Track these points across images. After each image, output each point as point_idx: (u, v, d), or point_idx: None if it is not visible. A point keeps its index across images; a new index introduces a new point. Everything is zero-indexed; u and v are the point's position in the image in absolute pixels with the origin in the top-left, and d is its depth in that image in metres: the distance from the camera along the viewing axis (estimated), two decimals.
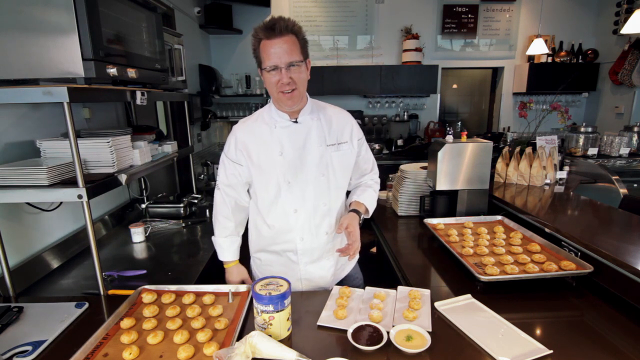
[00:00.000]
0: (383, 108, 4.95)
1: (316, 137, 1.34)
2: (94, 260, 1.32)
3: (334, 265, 1.46)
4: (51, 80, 1.30)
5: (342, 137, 1.39)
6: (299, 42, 1.22)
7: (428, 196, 2.12)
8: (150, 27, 1.74)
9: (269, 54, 1.19)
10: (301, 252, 1.40)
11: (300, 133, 1.33)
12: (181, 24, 3.48)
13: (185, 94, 2.50)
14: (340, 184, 1.41)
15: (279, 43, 1.18)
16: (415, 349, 0.98)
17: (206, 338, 1.02)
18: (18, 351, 1.03)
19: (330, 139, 1.36)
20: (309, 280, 1.44)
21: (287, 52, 1.18)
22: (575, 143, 3.26)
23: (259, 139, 1.34)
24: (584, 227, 1.65)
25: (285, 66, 1.19)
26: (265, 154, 1.33)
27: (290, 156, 1.32)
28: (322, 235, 1.40)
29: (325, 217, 1.39)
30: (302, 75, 1.24)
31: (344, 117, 1.43)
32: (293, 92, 1.23)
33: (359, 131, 1.46)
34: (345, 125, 1.41)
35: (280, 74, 1.20)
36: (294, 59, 1.20)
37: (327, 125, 1.37)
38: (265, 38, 1.19)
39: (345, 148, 1.39)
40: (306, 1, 4.63)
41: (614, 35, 4.49)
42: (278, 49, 1.18)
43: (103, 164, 1.46)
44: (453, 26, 4.73)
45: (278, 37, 1.17)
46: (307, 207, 1.35)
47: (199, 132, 4.15)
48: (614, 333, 1.09)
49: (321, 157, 1.34)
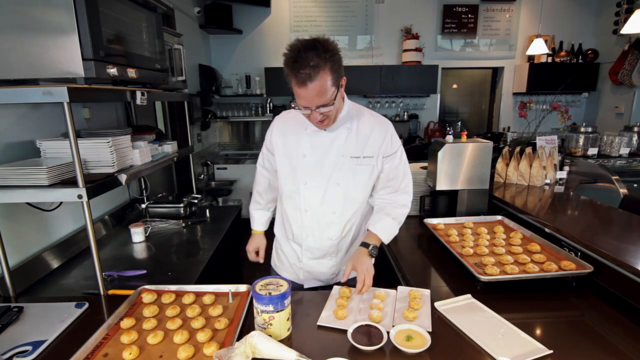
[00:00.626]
0: (383, 108, 4.95)
1: (340, 147, 1.33)
2: (94, 260, 1.32)
3: (336, 264, 1.47)
4: (51, 80, 1.30)
5: (368, 151, 1.34)
6: (331, 75, 1.13)
7: (428, 196, 2.12)
8: (150, 27, 1.74)
9: (299, 95, 1.15)
10: (305, 248, 1.44)
11: (325, 140, 1.34)
12: (181, 24, 3.48)
13: (185, 94, 2.50)
14: (356, 197, 1.38)
15: (308, 89, 1.11)
16: (415, 349, 0.98)
17: (206, 338, 1.02)
18: (18, 351, 1.03)
19: (355, 151, 1.33)
20: (309, 273, 1.48)
21: (317, 95, 1.13)
22: (575, 143, 3.26)
23: (290, 137, 1.39)
24: (584, 227, 1.65)
25: (315, 107, 1.17)
26: (290, 152, 1.38)
27: (312, 160, 1.35)
28: (326, 240, 1.42)
29: (332, 224, 1.40)
30: (334, 108, 1.21)
31: (379, 129, 1.35)
32: (324, 121, 1.24)
33: (390, 147, 1.37)
34: (377, 139, 1.34)
35: (311, 112, 1.19)
36: (324, 101, 1.15)
37: (356, 136, 1.34)
38: (293, 78, 1.12)
39: (368, 163, 1.35)
40: (306, 1, 4.63)
41: (614, 35, 4.49)
42: (308, 94, 1.13)
43: (103, 164, 1.46)
44: (453, 26, 4.73)
45: (308, 83, 1.10)
46: (317, 211, 1.38)
47: (199, 132, 4.15)
48: (614, 333, 1.09)
49: (340, 167, 1.33)
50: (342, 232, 1.42)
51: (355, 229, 1.46)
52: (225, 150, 5.04)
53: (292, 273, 1.53)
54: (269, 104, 4.71)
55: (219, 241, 1.94)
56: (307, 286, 1.52)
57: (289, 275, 1.53)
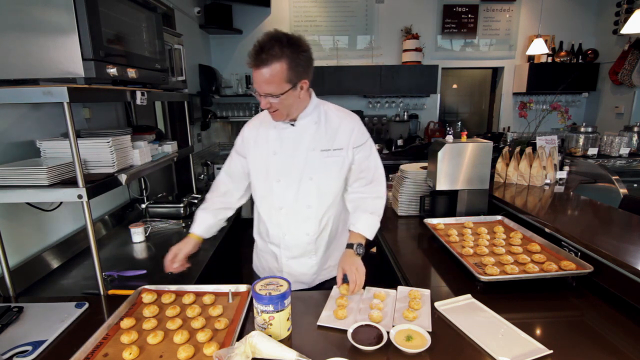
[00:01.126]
0: (383, 108, 4.95)
1: (310, 141, 1.35)
2: (94, 260, 1.32)
3: (316, 264, 1.47)
4: (51, 80, 1.30)
5: (338, 144, 1.36)
6: (287, 70, 1.15)
7: (428, 196, 2.12)
8: (150, 27, 1.74)
9: (253, 77, 1.19)
10: (283, 247, 1.45)
11: (294, 136, 1.35)
12: (181, 24, 3.48)
13: (185, 94, 2.50)
14: (329, 189, 1.40)
15: (258, 73, 1.16)
16: (415, 349, 0.98)
17: (206, 338, 1.02)
18: (18, 351, 1.03)
19: (325, 144, 1.35)
20: (290, 274, 1.48)
21: (265, 82, 1.16)
22: (575, 143, 3.26)
23: (260, 137, 1.40)
24: (584, 227, 1.65)
25: (263, 94, 1.20)
26: (261, 152, 1.39)
27: (283, 157, 1.36)
28: (303, 235, 1.42)
29: (309, 219, 1.40)
30: (285, 102, 1.22)
31: (347, 123, 1.38)
32: (275, 112, 1.26)
33: (359, 138, 1.39)
34: (345, 132, 1.37)
35: (260, 98, 1.22)
36: (271, 91, 1.17)
37: (325, 130, 1.36)
38: (250, 61, 1.16)
39: (338, 154, 1.37)
40: (306, 1, 4.63)
41: (614, 35, 4.49)
42: (258, 78, 1.17)
43: (103, 164, 1.46)
44: (453, 26, 4.73)
45: (261, 67, 1.14)
46: (292, 207, 1.39)
47: (199, 132, 4.15)
48: (614, 333, 1.09)
49: (311, 161, 1.35)
50: (319, 227, 1.42)
51: (331, 223, 1.45)
52: (225, 150, 5.04)
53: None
54: None
55: (219, 241, 1.94)
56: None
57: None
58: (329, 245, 1.48)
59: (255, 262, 1.63)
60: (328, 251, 1.49)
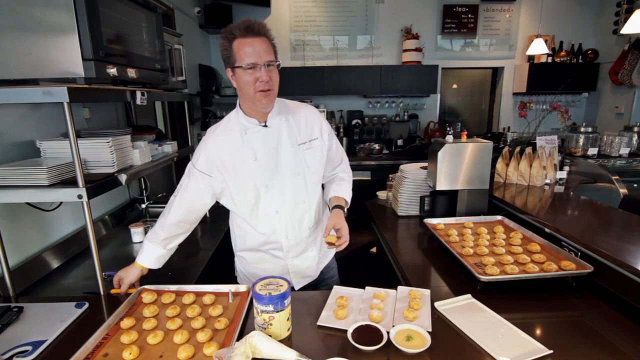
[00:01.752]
0: (383, 108, 4.95)
1: (287, 137, 1.35)
2: (94, 260, 1.32)
3: (317, 254, 1.51)
4: (51, 80, 1.30)
5: (312, 134, 1.40)
6: (272, 46, 1.24)
7: (428, 196, 2.12)
8: (150, 27, 1.74)
9: (246, 52, 1.19)
10: (287, 248, 1.44)
11: (271, 136, 1.33)
12: (181, 24, 3.48)
13: (185, 94, 2.50)
14: (316, 179, 1.43)
15: (257, 42, 1.19)
16: (415, 349, 0.98)
17: (206, 338, 1.02)
18: (18, 351, 1.03)
19: (300, 137, 1.37)
20: (296, 273, 1.49)
21: (266, 51, 1.20)
22: (575, 143, 3.26)
23: (232, 147, 1.31)
24: (584, 227, 1.65)
25: (265, 64, 1.19)
26: (239, 161, 1.31)
27: (264, 160, 1.32)
28: (305, 229, 1.44)
29: (306, 213, 1.43)
30: (277, 77, 1.26)
31: (312, 114, 1.44)
32: (269, 91, 1.23)
33: (327, 126, 1.47)
34: (314, 122, 1.42)
35: (259, 71, 1.19)
36: (271, 58, 1.22)
37: (296, 124, 1.38)
38: (241, 36, 1.19)
39: (317, 144, 1.40)
40: (306, 1, 4.63)
41: (614, 35, 4.49)
42: (257, 47, 1.18)
43: (103, 164, 1.46)
44: (453, 26, 4.73)
45: (256, 37, 1.19)
46: (287, 206, 1.38)
47: (199, 132, 4.15)
48: (614, 333, 1.09)
49: (294, 157, 1.35)
50: (315, 218, 1.46)
51: (321, 210, 1.51)
52: None
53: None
54: None
55: (219, 241, 1.94)
56: (297, 287, 1.52)
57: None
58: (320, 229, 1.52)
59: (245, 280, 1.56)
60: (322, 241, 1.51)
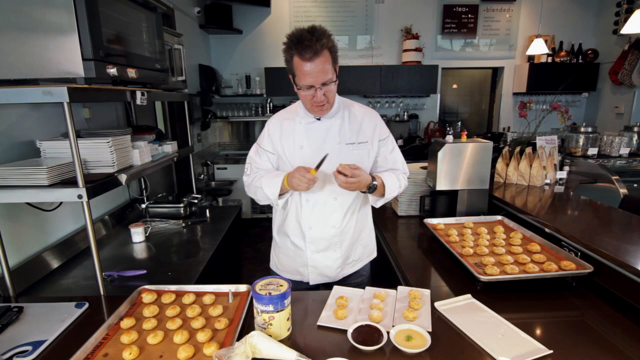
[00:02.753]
0: (383, 108, 4.95)
1: (336, 134, 1.40)
2: (94, 260, 1.32)
3: (340, 258, 1.48)
4: (51, 80, 1.30)
5: (362, 137, 1.43)
6: (330, 55, 1.23)
7: (428, 196, 2.12)
8: (150, 27, 1.74)
9: (304, 73, 1.22)
10: (309, 240, 1.45)
11: (320, 130, 1.40)
12: (181, 24, 3.49)
13: (185, 94, 2.50)
14: None
15: (315, 63, 1.19)
16: (415, 349, 0.98)
17: (206, 338, 1.02)
18: (18, 351, 1.03)
19: (350, 137, 1.41)
20: (314, 268, 1.48)
21: (322, 71, 1.21)
22: (575, 143, 3.26)
23: (285, 132, 1.42)
24: (584, 227, 1.65)
25: (320, 86, 1.23)
26: (287, 146, 1.41)
27: (309, 151, 1.39)
28: (330, 228, 1.44)
29: (335, 211, 1.43)
30: (334, 90, 1.30)
31: (369, 117, 1.46)
32: (324, 105, 1.31)
33: (383, 132, 1.47)
34: (368, 125, 1.44)
35: (315, 92, 1.25)
36: (327, 78, 1.23)
37: (349, 124, 1.42)
38: (298, 56, 1.20)
39: (364, 147, 1.43)
40: (306, 1, 4.63)
41: (614, 35, 4.49)
42: (314, 69, 1.20)
43: (103, 164, 1.46)
44: (453, 26, 4.73)
45: (314, 59, 1.19)
46: (319, 200, 1.41)
47: (199, 132, 4.15)
48: (614, 333, 1.09)
49: (337, 154, 1.38)
50: (344, 219, 1.45)
51: (356, 216, 1.49)
52: (225, 150, 5.04)
53: (295, 272, 1.52)
54: (268, 104, 4.72)
55: (219, 241, 1.94)
56: (312, 283, 1.51)
57: (291, 276, 1.52)
58: (354, 238, 1.51)
59: (274, 262, 1.61)
60: (352, 245, 1.51)
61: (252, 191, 1.47)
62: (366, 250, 1.59)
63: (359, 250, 1.54)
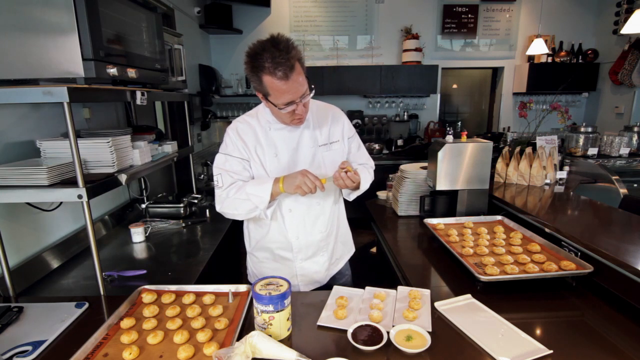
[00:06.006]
0: (383, 108, 4.95)
1: (308, 138, 1.37)
2: (94, 260, 1.32)
3: (327, 260, 1.49)
4: (51, 80, 1.30)
5: (333, 137, 1.42)
6: (301, 67, 1.16)
7: (428, 196, 2.12)
8: (150, 27, 1.74)
9: (282, 91, 1.14)
10: (296, 249, 1.44)
11: (293, 135, 1.36)
12: (181, 24, 3.48)
13: (185, 94, 2.50)
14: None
15: (291, 78, 1.12)
16: (415, 349, 0.98)
17: (206, 338, 1.02)
18: (18, 351, 1.03)
19: (322, 139, 1.40)
20: (304, 276, 1.48)
21: (300, 84, 1.16)
22: (575, 143, 3.26)
23: (256, 139, 1.37)
24: (584, 227, 1.65)
25: (300, 99, 1.18)
26: (261, 154, 1.36)
27: (285, 158, 1.35)
28: (317, 233, 1.43)
29: (319, 215, 1.42)
30: (310, 100, 1.27)
31: (336, 116, 1.45)
32: (300, 118, 1.27)
33: (350, 129, 1.48)
34: (337, 124, 1.43)
35: (296, 106, 1.20)
36: (304, 90, 1.18)
37: (319, 126, 1.40)
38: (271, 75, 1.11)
39: (337, 147, 1.42)
40: (306, 1, 4.63)
41: (614, 35, 4.49)
42: (292, 84, 1.13)
43: (103, 164, 1.46)
44: (453, 26, 4.73)
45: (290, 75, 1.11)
46: (301, 206, 1.39)
47: (199, 132, 4.15)
48: (614, 333, 1.09)
49: (313, 157, 1.37)
50: (329, 221, 1.45)
51: (335, 214, 1.49)
52: None
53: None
54: None
55: (219, 241, 1.94)
56: (303, 290, 1.51)
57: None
58: (336, 238, 1.51)
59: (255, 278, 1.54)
60: (335, 244, 1.51)
61: (230, 205, 1.31)
62: (346, 247, 1.60)
63: (339, 248, 1.55)
